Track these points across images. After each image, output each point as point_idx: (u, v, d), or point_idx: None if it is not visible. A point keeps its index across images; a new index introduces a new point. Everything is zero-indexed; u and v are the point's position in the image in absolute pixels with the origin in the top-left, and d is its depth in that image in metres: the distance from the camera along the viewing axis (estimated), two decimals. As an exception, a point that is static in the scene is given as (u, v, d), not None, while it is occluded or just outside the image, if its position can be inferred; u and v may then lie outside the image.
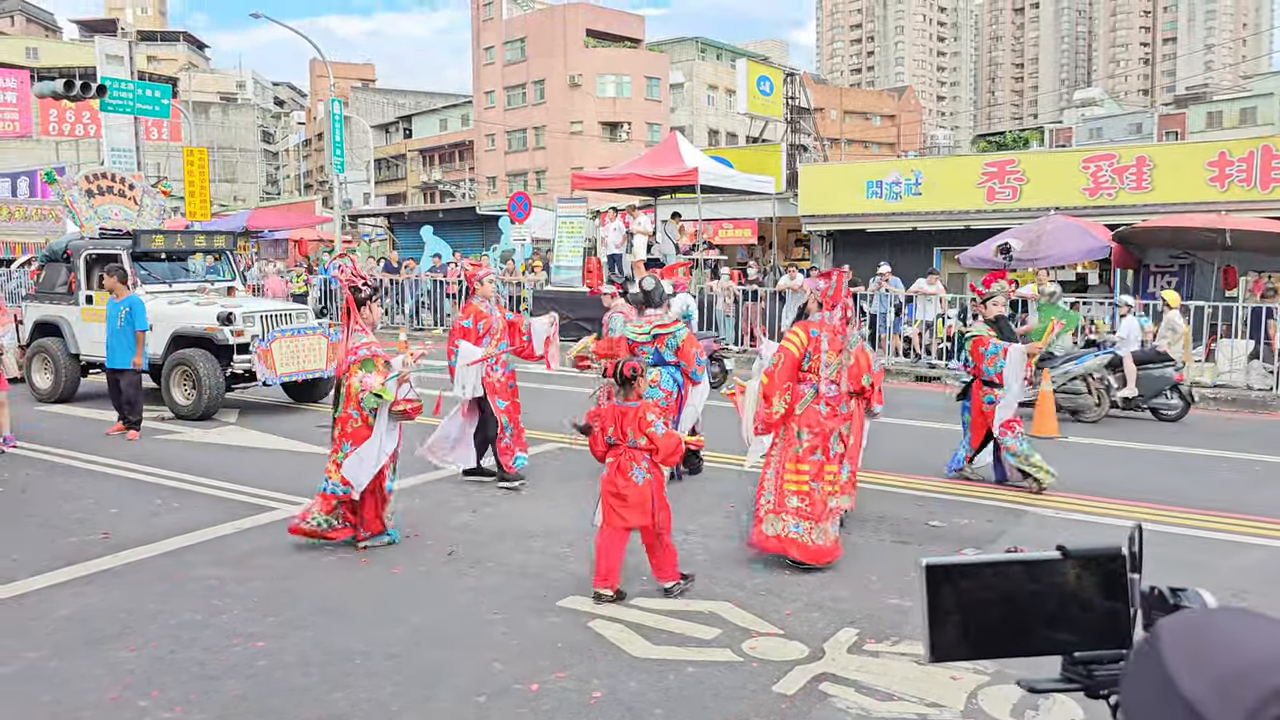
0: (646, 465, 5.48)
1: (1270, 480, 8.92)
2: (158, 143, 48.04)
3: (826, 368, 6.13)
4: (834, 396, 6.14)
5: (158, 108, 23.18)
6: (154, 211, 13.60)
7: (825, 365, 6.12)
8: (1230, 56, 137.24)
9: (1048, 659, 1.23)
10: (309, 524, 6.38)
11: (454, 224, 29.10)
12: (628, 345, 7.80)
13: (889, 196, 20.77)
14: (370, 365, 6.34)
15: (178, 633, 5.03)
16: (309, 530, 6.38)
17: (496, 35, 63.54)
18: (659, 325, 7.86)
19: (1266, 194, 16.77)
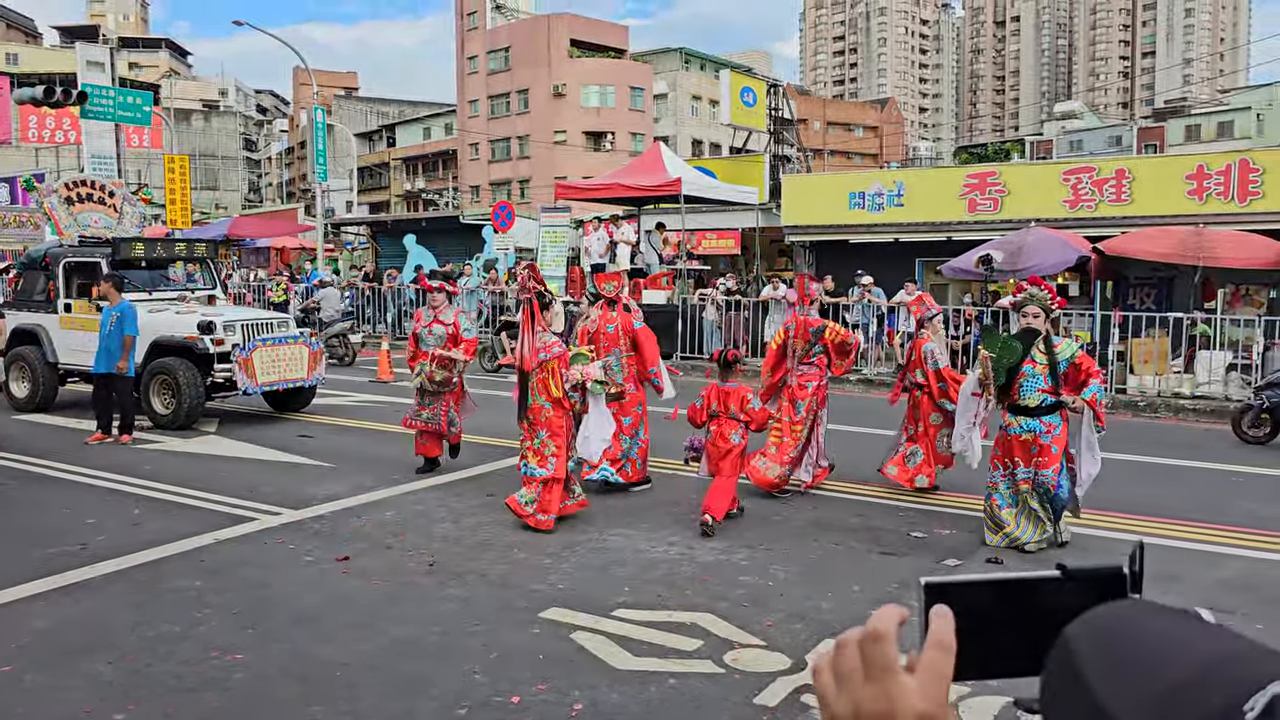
0: (741, 431, 7.44)
1: (1248, 490, 8.98)
2: (138, 150, 47.80)
3: (793, 352, 8.55)
4: (802, 375, 8.54)
5: (139, 115, 23.07)
6: (134, 219, 13.51)
7: (792, 351, 8.57)
8: (1208, 71, 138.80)
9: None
10: (521, 503, 7.23)
11: (437, 233, 28.98)
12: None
13: (871, 208, 20.84)
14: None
15: (155, 645, 4.98)
16: (519, 508, 7.19)
17: (480, 45, 63.57)
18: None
19: (1244, 207, 16.93)
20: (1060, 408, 6.80)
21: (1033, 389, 6.76)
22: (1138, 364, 14.97)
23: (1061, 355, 6.79)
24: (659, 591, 5.85)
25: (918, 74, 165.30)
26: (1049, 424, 6.78)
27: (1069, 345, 6.94)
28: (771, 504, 8.06)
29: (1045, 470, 6.75)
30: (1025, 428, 6.80)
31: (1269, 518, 7.82)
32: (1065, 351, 6.82)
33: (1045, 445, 6.73)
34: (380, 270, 26.65)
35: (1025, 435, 6.79)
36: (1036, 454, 6.74)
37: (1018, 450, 6.81)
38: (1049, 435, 6.74)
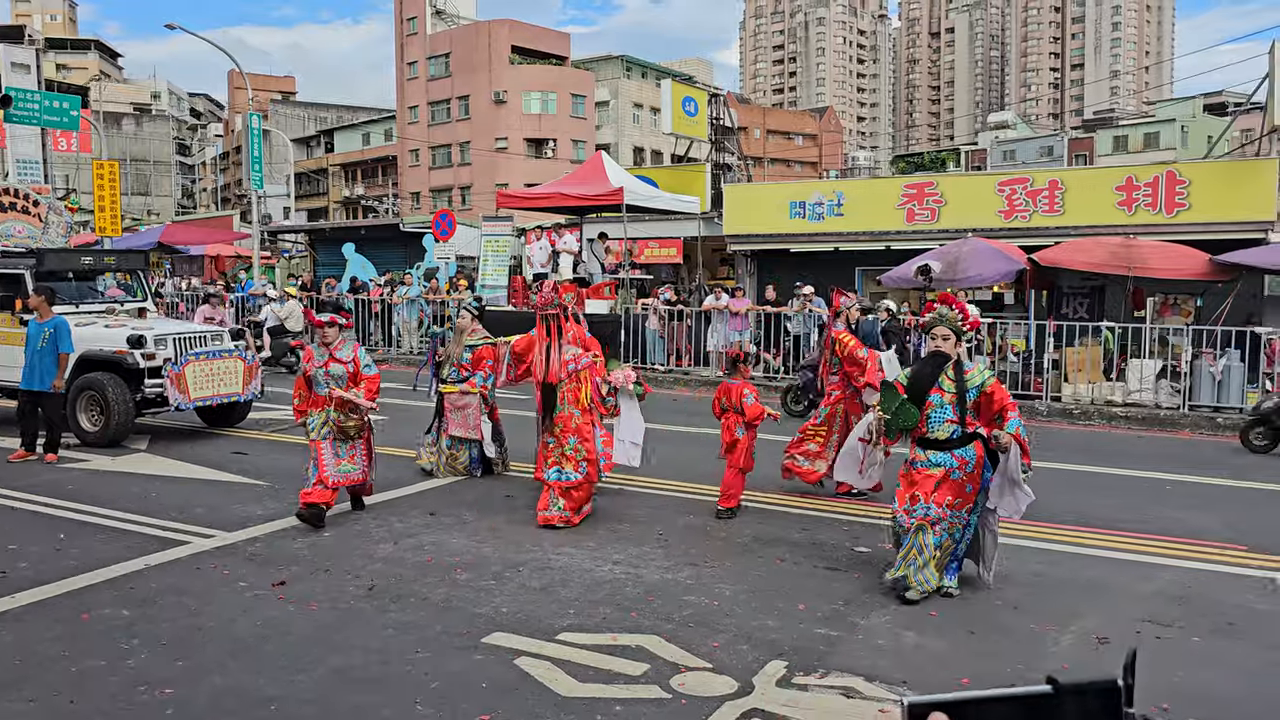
0: (744, 425, 7.97)
1: (1179, 499, 9.18)
2: (67, 154, 46.53)
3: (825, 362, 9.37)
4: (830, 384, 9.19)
5: (66, 119, 22.41)
6: (60, 229, 13.08)
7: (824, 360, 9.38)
8: (1134, 83, 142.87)
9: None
10: (552, 512, 7.65)
11: (377, 241, 28.60)
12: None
13: (811, 217, 21.02)
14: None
15: (80, 680, 4.78)
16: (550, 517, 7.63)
17: (420, 50, 63.00)
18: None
19: (1171, 218, 17.38)
20: (974, 439, 6.12)
21: (941, 420, 6.10)
22: (1071, 372, 15.28)
23: (971, 383, 6.11)
24: (604, 613, 5.77)
25: (856, 83, 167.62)
26: (961, 458, 6.08)
27: (980, 373, 6.21)
28: (712, 519, 8.03)
29: (958, 511, 6.09)
30: (935, 462, 6.12)
31: (1200, 527, 7.99)
32: (975, 379, 6.13)
33: (957, 483, 6.05)
34: (318, 279, 26.22)
35: (933, 470, 6.09)
36: (944, 491, 6.04)
37: (922, 485, 6.09)
38: (961, 471, 6.05)
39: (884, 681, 4.83)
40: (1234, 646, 5.43)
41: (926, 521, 6.02)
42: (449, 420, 9.27)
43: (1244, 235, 16.57)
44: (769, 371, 17.67)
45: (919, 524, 6.03)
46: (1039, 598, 6.22)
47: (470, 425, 9.16)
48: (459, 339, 9.35)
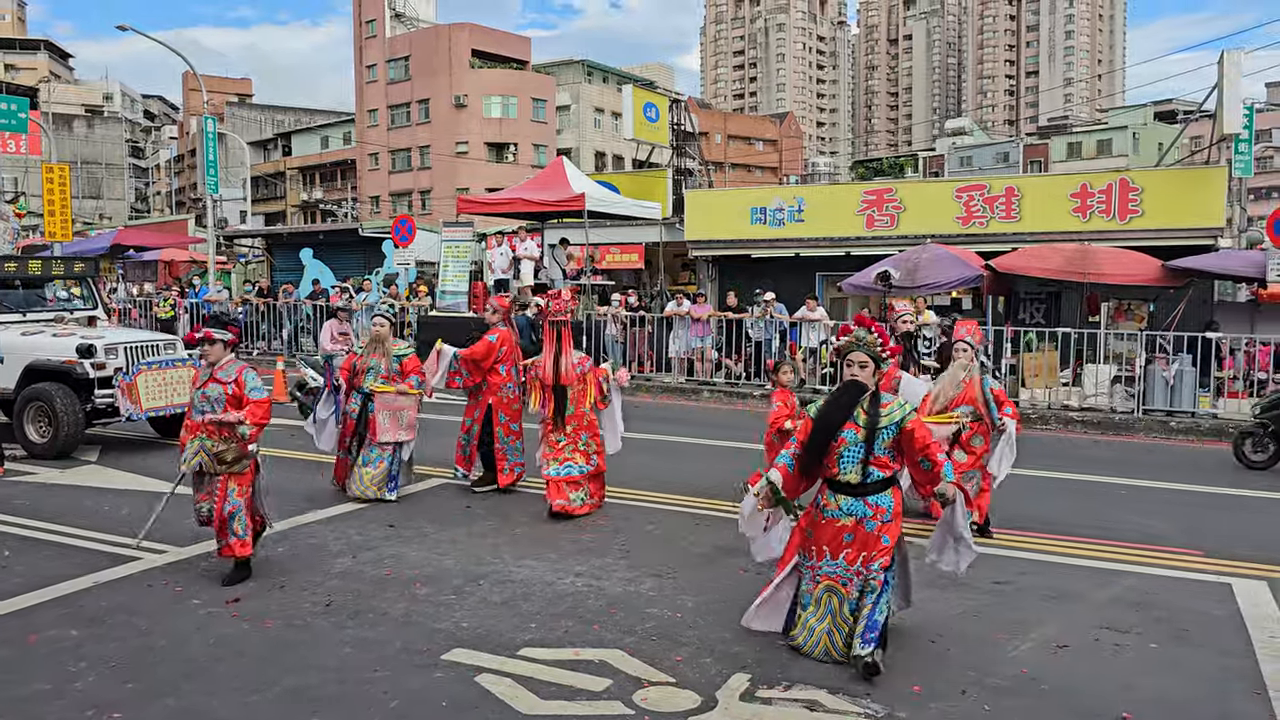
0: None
1: (1135, 504, 9.30)
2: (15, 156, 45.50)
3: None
4: None
5: (14, 121, 21.87)
6: (6, 235, 12.78)
7: None
8: (1087, 91, 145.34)
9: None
10: (575, 503, 8.31)
11: (335, 246, 28.30)
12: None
13: (772, 223, 21.12)
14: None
15: (25, 706, 4.63)
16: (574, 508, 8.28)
17: (379, 53, 62.55)
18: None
19: (1124, 224, 17.68)
20: (893, 485, 5.29)
21: (854, 460, 5.19)
22: (1028, 377, 15.45)
23: (886, 420, 5.16)
24: (566, 626, 5.71)
25: (815, 89, 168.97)
26: (877, 506, 5.20)
27: (899, 407, 5.28)
28: (677, 527, 8.00)
29: (871, 565, 5.19)
30: (845, 510, 5.23)
31: (1156, 533, 8.09)
32: (893, 415, 5.19)
33: (870, 535, 5.18)
34: (275, 285, 25.86)
35: (843, 520, 5.23)
36: (856, 546, 5.20)
37: (829, 537, 5.25)
38: (876, 521, 5.20)
39: (846, 694, 4.82)
40: (1191, 653, 5.49)
41: (835, 581, 5.25)
42: (375, 428, 8.79)
43: (1195, 242, 16.91)
44: (730, 378, 17.69)
45: (826, 584, 5.28)
46: (999, 605, 6.25)
47: (404, 425, 8.86)
48: (379, 347, 9.00)
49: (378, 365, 8.93)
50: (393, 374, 8.92)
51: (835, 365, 15.73)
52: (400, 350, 9.10)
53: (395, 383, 8.88)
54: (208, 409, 6.57)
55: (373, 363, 8.96)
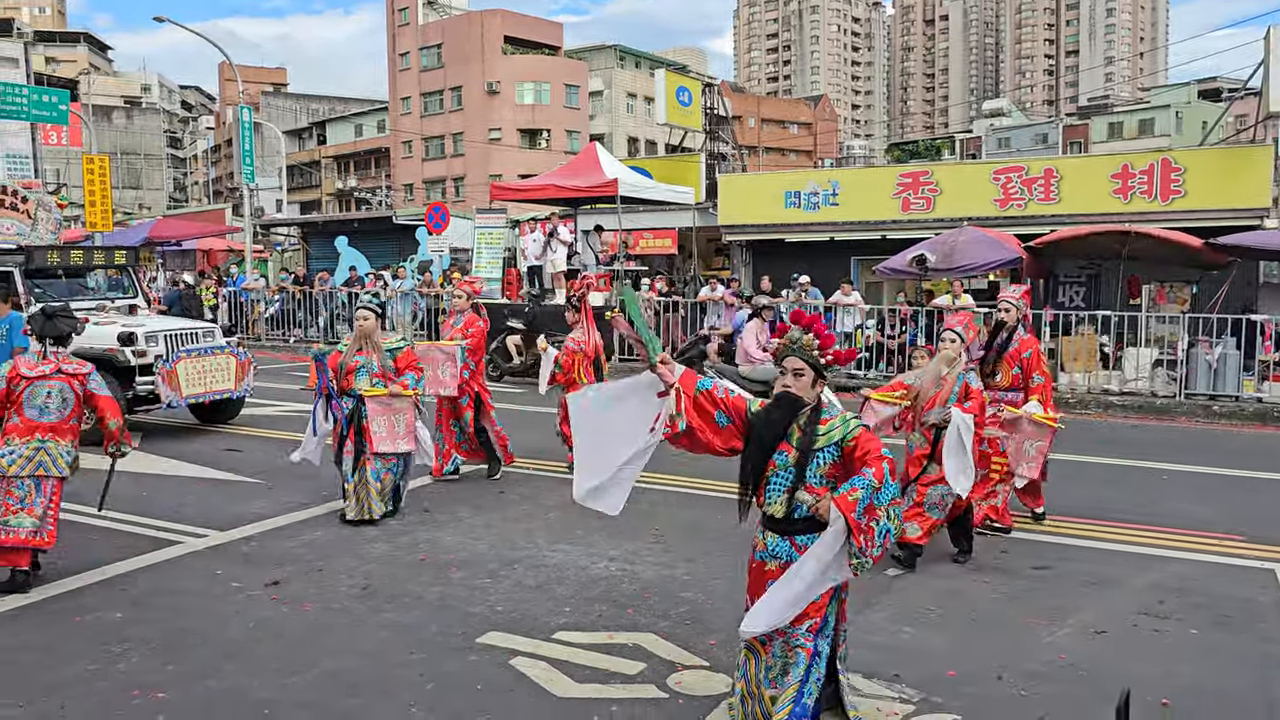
0: None
1: (1177, 489, 9.16)
2: (57, 148, 46.33)
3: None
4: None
5: (55, 113, 22.24)
6: (49, 225, 12.98)
7: None
8: (1129, 70, 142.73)
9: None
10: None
11: (370, 234, 28.49)
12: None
13: (807, 207, 20.98)
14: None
15: (71, 686, 4.72)
16: None
17: (412, 41, 62.75)
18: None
19: (1167, 205, 17.37)
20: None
21: (780, 489, 4.12)
22: (1068, 361, 15.25)
23: (824, 439, 4.03)
24: (600, 611, 5.74)
25: (850, 71, 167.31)
26: (804, 549, 4.02)
27: (842, 423, 4.09)
28: (710, 512, 7.99)
29: (797, 625, 3.97)
30: (771, 552, 4.15)
31: (1198, 518, 7.97)
32: (832, 434, 4.04)
33: None
34: (311, 273, 26.11)
35: (770, 565, 4.14)
36: None
37: (756, 587, 4.17)
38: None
39: (880, 678, 4.80)
40: (1232, 640, 5.41)
41: (755, 642, 4.08)
42: (370, 438, 7.63)
43: (1240, 222, 16.57)
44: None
45: (747, 644, 4.12)
46: (1037, 590, 6.19)
47: (401, 434, 7.74)
48: (366, 342, 7.80)
49: (368, 363, 7.78)
50: (387, 372, 7.81)
51: (870, 351, 15.44)
52: (392, 344, 8.02)
53: (390, 382, 7.79)
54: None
55: (362, 360, 7.78)
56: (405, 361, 7.94)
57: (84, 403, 6.38)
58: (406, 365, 7.94)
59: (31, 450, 6.11)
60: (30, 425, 6.13)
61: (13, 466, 6.04)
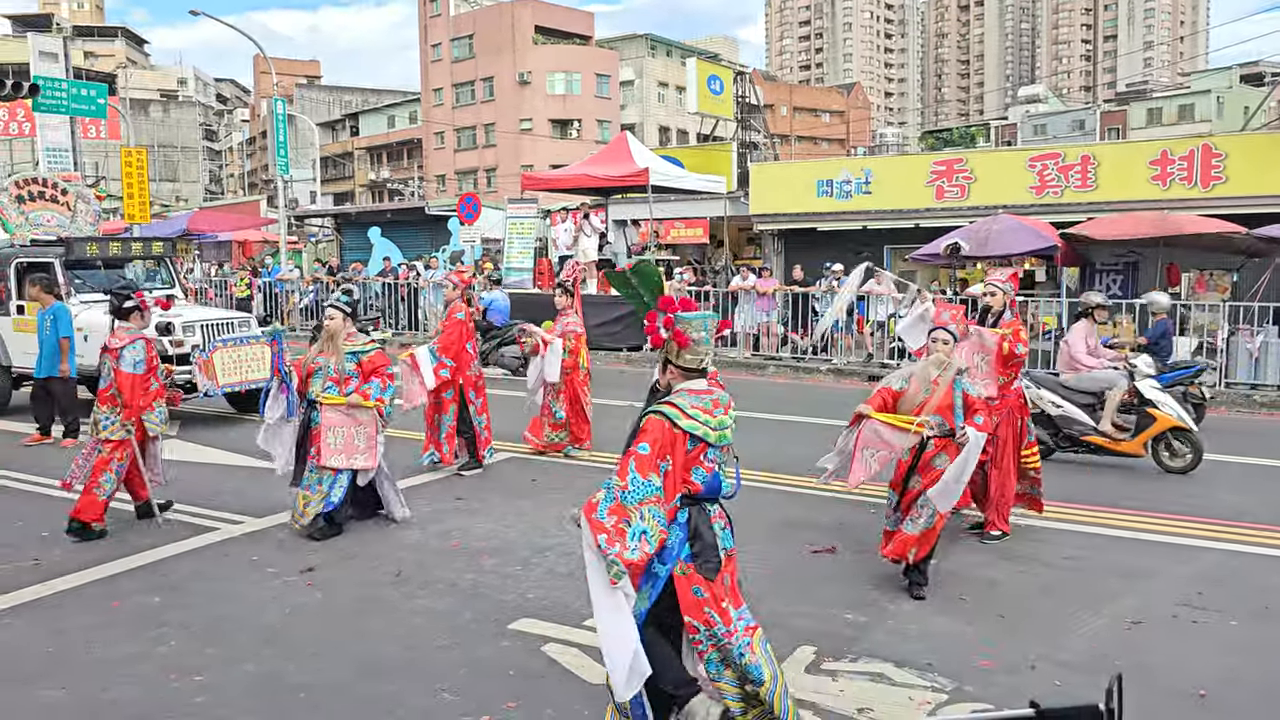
0: None
1: (1216, 480, 9.02)
2: (95, 141, 46.89)
3: None
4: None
5: (93, 107, 22.53)
6: (88, 217, 13.18)
7: None
8: (1169, 54, 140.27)
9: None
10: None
11: (402, 224, 28.68)
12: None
13: (839, 195, 20.84)
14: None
15: (113, 668, 4.81)
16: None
17: (444, 32, 62.94)
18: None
19: (1207, 192, 17.06)
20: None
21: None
22: (1104, 350, 15.03)
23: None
24: (631, 598, 5.74)
25: (883, 58, 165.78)
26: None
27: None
28: (743, 502, 7.96)
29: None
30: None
31: (1238, 508, 7.85)
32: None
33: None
34: (345, 263, 26.33)
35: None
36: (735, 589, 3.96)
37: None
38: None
39: (913, 667, 4.77)
40: (1273, 632, 5.33)
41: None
42: (319, 447, 7.01)
43: (1283, 209, 16.23)
44: (796, 353, 17.56)
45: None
46: (1073, 580, 6.13)
47: (361, 448, 7.04)
48: (331, 344, 7.17)
49: (326, 365, 7.12)
50: (344, 376, 7.08)
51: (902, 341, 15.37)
52: (357, 347, 7.23)
53: (347, 387, 7.08)
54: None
55: (321, 362, 7.15)
56: (371, 366, 7.14)
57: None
58: (372, 371, 7.12)
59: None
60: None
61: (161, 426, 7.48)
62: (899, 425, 5.86)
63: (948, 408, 5.82)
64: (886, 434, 5.86)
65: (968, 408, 5.86)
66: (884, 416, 5.92)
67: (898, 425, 5.87)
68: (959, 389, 5.88)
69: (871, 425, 5.91)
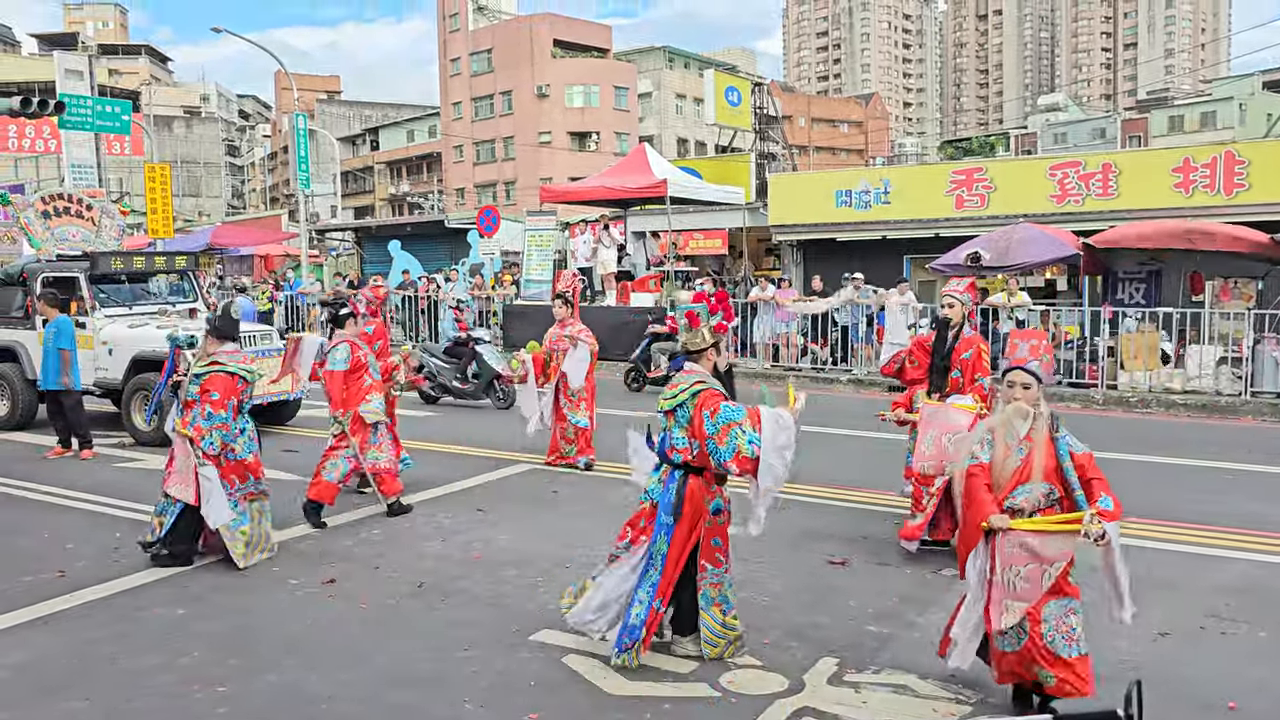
0: None
1: (1241, 489, 8.92)
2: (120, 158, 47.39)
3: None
4: None
5: (118, 124, 22.81)
6: (113, 232, 13.31)
7: None
8: (1190, 61, 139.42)
9: None
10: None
11: (422, 237, 28.83)
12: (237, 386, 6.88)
13: (858, 205, 20.79)
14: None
15: (136, 679, 4.83)
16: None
17: (463, 46, 63.35)
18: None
19: (1230, 199, 16.92)
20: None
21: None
22: (1128, 359, 14.92)
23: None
24: (652, 609, 5.72)
25: (901, 68, 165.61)
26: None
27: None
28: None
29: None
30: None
31: (1266, 518, 7.75)
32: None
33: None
34: (365, 276, 26.46)
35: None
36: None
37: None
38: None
39: (936, 679, 4.73)
40: (1304, 642, 5.25)
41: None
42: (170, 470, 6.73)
43: (1307, 216, 16.07)
44: (816, 363, 17.50)
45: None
46: (1097, 592, 6.05)
47: (186, 478, 6.57)
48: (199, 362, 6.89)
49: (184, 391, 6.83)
50: (189, 400, 6.68)
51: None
52: (201, 367, 6.78)
53: (189, 413, 6.63)
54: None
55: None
56: (204, 389, 6.63)
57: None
58: (203, 395, 6.61)
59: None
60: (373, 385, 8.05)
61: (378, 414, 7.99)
62: (1056, 529, 4.26)
63: (1054, 471, 4.43)
64: (1035, 543, 4.24)
65: (1081, 474, 4.42)
66: (1029, 523, 4.29)
67: (1053, 529, 4.26)
68: (1062, 445, 4.45)
69: (1013, 540, 4.26)
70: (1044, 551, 4.23)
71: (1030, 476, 4.40)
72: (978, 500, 4.38)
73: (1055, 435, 4.47)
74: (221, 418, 6.59)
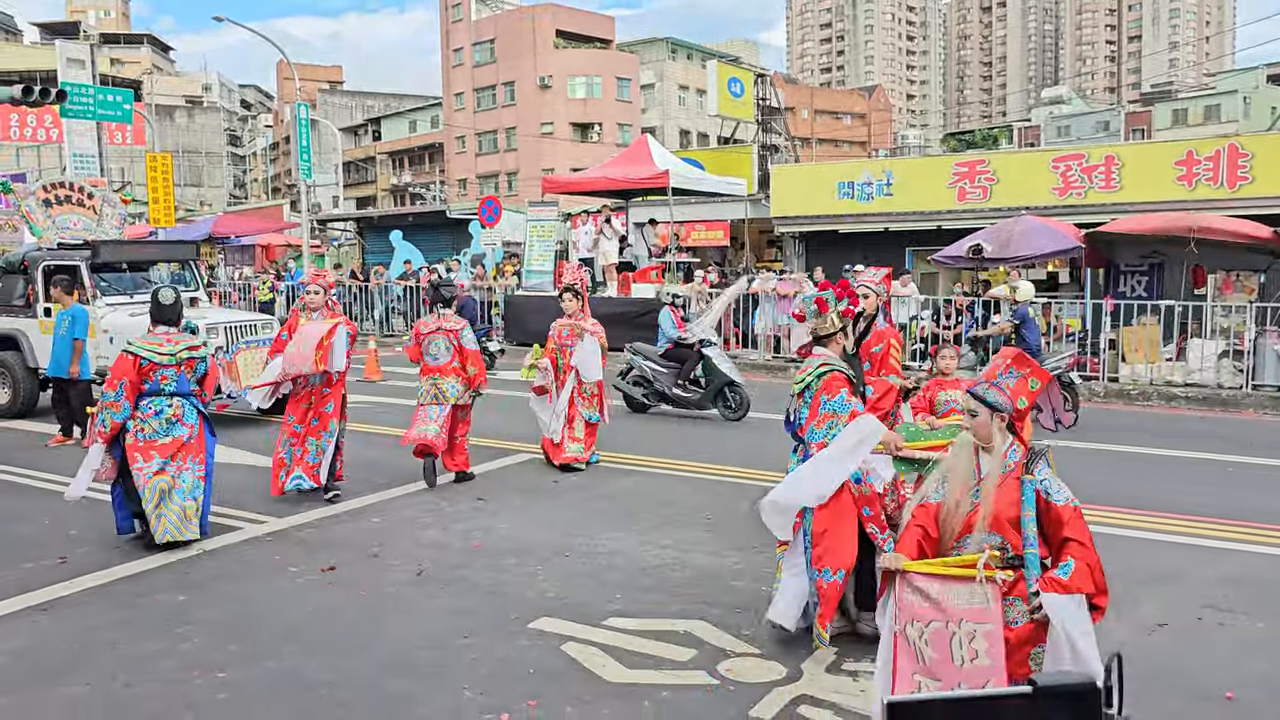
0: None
1: (1242, 481, 8.92)
2: (121, 147, 47.37)
3: None
4: None
5: (119, 113, 22.76)
6: (114, 221, 13.31)
7: None
8: (1194, 55, 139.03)
9: None
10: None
11: (424, 228, 28.81)
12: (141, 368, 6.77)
13: (861, 197, 20.77)
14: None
15: (136, 665, 4.85)
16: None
17: (465, 37, 63.22)
18: (190, 346, 7.07)
19: (1233, 193, 16.89)
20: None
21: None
22: (1129, 352, 14.92)
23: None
24: (652, 598, 5.74)
25: (905, 61, 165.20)
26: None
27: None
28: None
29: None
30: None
31: (1265, 510, 7.75)
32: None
33: None
34: (367, 267, 26.47)
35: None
36: None
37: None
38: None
39: (936, 669, 4.73)
40: (1302, 634, 5.25)
41: None
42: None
43: (1310, 209, 16.04)
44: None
45: None
46: (1096, 583, 6.06)
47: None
48: None
49: None
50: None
51: (925, 342, 15.25)
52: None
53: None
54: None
55: None
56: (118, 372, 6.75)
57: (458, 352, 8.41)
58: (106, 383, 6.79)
59: (429, 385, 8.41)
60: (428, 368, 8.44)
61: (422, 396, 8.45)
62: (956, 572, 3.69)
63: (1011, 522, 3.76)
64: (936, 591, 3.67)
65: (1054, 535, 3.80)
66: (923, 565, 3.77)
67: (954, 573, 3.69)
68: (1030, 491, 3.79)
69: (909, 584, 3.72)
70: (946, 603, 3.62)
71: (976, 527, 3.77)
72: (900, 541, 3.97)
73: (1026, 477, 3.78)
74: (109, 396, 6.65)
